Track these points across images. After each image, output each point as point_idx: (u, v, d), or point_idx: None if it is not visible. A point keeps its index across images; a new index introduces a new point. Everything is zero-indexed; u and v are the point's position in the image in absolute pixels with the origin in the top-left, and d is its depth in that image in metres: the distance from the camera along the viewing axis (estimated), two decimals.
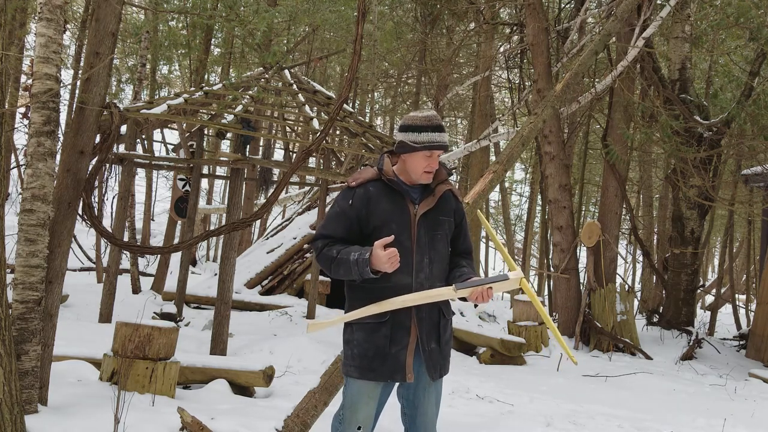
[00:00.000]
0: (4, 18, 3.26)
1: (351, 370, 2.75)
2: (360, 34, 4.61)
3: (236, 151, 7.90)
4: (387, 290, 2.67)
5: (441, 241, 2.79)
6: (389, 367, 2.68)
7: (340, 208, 2.76)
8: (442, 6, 13.03)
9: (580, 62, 6.15)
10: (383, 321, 2.69)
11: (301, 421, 3.62)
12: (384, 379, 2.71)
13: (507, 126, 14.10)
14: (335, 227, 2.74)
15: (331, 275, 2.73)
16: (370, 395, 2.75)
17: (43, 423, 3.70)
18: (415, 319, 2.71)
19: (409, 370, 2.69)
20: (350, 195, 2.75)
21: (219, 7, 10.03)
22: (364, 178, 2.77)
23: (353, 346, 2.74)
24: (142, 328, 4.54)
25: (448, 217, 2.82)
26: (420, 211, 2.75)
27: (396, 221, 2.71)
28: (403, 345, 2.69)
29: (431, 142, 2.70)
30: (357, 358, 2.72)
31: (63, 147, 4.50)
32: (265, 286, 10.60)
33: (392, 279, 2.67)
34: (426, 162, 2.73)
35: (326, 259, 2.69)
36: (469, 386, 6.01)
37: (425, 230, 2.74)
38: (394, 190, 2.75)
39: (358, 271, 2.59)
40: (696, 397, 6.86)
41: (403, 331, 2.70)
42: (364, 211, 2.72)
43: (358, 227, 2.74)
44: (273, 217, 20.65)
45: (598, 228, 9.98)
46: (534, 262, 21.32)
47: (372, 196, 2.73)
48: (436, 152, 2.72)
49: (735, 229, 15.80)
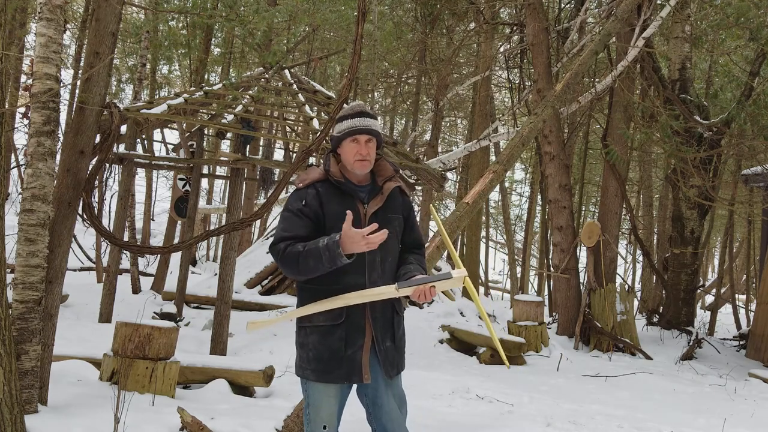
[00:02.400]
0: (4, 18, 3.26)
1: (308, 373, 2.70)
2: (360, 34, 4.62)
3: (236, 151, 7.90)
4: (339, 290, 2.61)
5: (392, 238, 2.73)
6: (346, 369, 2.64)
7: (294, 208, 2.68)
8: (442, 6, 13.03)
9: (580, 62, 6.16)
10: (338, 323, 2.64)
11: (301, 421, 3.63)
12: (341, 381, 2.67)
13: (507, 126, 14.09)
14: (296, 228, 2.65)
15: (298, 274, 2.61)
16: (330, 395, 2.71)
17: (43, 423, 3.70)
18: (369, 318, 2.67)
19: (365, 371, 2.65)
20: (302, 195, 2.70)
21: (219, 7, 10.02)
22: (311, 179, 2.72)
23: (308, 350, 2.69)
24: (142, 328, 4.54)
25: (397, 214, 2.80)
26: (369, 210, 2.72)
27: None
28: (359, 346, 2.65)
29: (351, 127, 2.69)
30: (312, 361, 2.67)
31: (63, 147, 4.50)
32: (265, 286, 10.60)
33: (344, 279, 2.61)
34: (354, 149, 2.69)
35: (292, 256, 2.58)
36: (469, 386, 6.01)
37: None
38: (342, 191, 2.71)
39: (329, 256, 2.50)
40: (696, 397, 6.86)
41: (358, 332, 2.66)
42: (320, 210, 2.67)
43: (318, 226, 2.67)
44: (273, 217, 20.62)
45: (598, 228, 9.98)
46: (534, 262, 21.32)
47: (323, 196, 2.69)
48: (363, 138, 2.69)
49: (735, 229, 15.80)
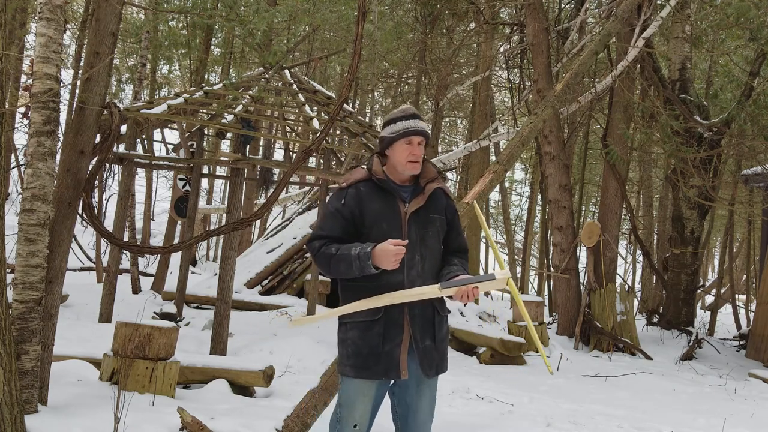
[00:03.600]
0: (4, 18, 3.25)
1: (346, 369, 2.76)
2: (360, 34, 4.61)
3: (236, 151, 7.90)
4: (379, 288, 2.68)
5: (432, 238, 2.80)
6: (383, 365, 2.69)
7: (333, 208, 2.78)
8: (442, 6, 13.03)
9: (580, 62, 6.15)
10: (376, 319, 2.70)
11: (301, 421, 3.62)
12: (379, 377, 2.72)
13: (507, 126, 14.09)
14: (331, 227, 2.76)
15: (329, 274, 2.74)
16: (365, 393, 2.76)
17: (43, 423, 3.69)
18: (407, 316, 2.72)
19: (403, 367, 2.69)
20: (342, 195, 2.79)
21: (219, 7, 10.02)
22: (354, 179, 2.82)
23: (347, 345, 2.76)
24: (142, 328, 4.54)
25: (439, 215, 2.84)
26: (410, 209, 2.77)
27: (386, 220, 2.74)
28: (397, 342, 2.70)
29: (406, 128, 2.77)
30: (352, 356, 2.73)
31: (63, 147, 4.50)
32: (265, 286, 10.61)
33: (384, 277, 2.68)
34: (408, 150, 2.77)
35: (324, 257, 2.70)
36: (469, 386, 6.02)
37: (416, 228, 2.76)
38: (385, 190, 2.79)
39: (359, 266, 2.61)
40: (696, 397, 6.86)
41: (396, 328, 2.71)
42: (357, 211, 2.75)
43: (354, 227, 2.76)
44: (273, 217, 20.65)
45: (598, 228, 9.98)
46: (534, 262, 21.31)
47: (363, 195, 2.77)
48: (416, 139, 2.77)
49: (735, 229, 15.80)
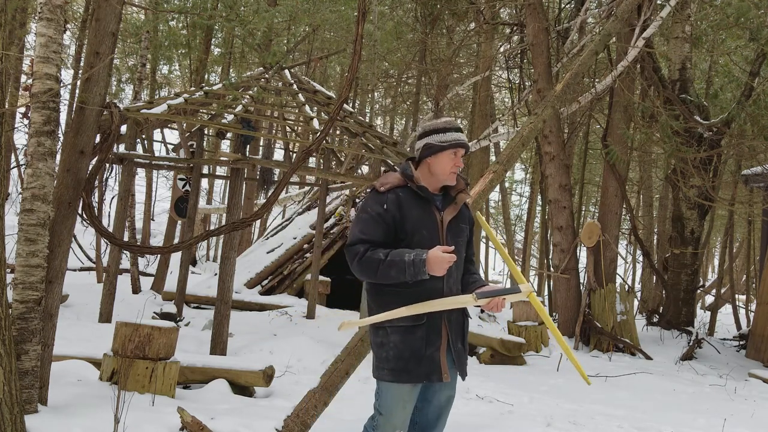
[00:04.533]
0: (4, 18, 3.25)
1: (384, 373, 2.75)
2: (360, 34, 4.61)
3: (236, 151, 7.89)
4: (421, 294, 2.70)
5: (462, 247, 2.87)
6: (425, 369, 2.72)
7: (374, 212, 2.74)
8: (442, 6, 13.02)
9: (580, 62, 6.15)
10: (420, 324, 2.72)
11: (301, 421, 3.62)
12: (420, 380, 2.73)
13: (507, 126, 14.08)
14: (374, 231, 2.72)
15: (373, 278, 2.70)
16: (405, 399, 2.77)
17: (43, 423, 3.69)
18: (446, 321, 2.77)
19: (444, 370, 2.74)
20: (383, 200, 2.76)
21: (219, 7, 10.03)
22: (392, 184, 2.80)
23: (388, 349, 2.75)
24: (142, 328, 4.54)
25: (466, 225, 2.92)
26: (446, 218, 2.81)
27: (426, 228, 2.76)
28: (437, 346, 2.74)
29: (457, 140, 2.81)
30: (392, 360, 2.73)
31: (63, 147, 4.50)
32: (265, 286, 10.60)
33: (426, 283, 2.69)
34: (452, 162, 2.82)
35: (371, 262, 2.65)
36: (469, 386, 6.01)
37: (451, 237, 2.81)
38: (422, 197, 2.79)
39: (413, 272, 2.60)
40: (696, 397, 6.86)
41: (436, 333, 2.74)
42: (398, 216, 2.74)
43: (395, 232, 2.74)
44: (273, 217, 20.66)
45: (598, 228, 9.98)
46: (534, 262, 21.31)
47: (403, 201, 2.76)
48: (460, 151, 2.82)
49: (735, 230, 15.80)
